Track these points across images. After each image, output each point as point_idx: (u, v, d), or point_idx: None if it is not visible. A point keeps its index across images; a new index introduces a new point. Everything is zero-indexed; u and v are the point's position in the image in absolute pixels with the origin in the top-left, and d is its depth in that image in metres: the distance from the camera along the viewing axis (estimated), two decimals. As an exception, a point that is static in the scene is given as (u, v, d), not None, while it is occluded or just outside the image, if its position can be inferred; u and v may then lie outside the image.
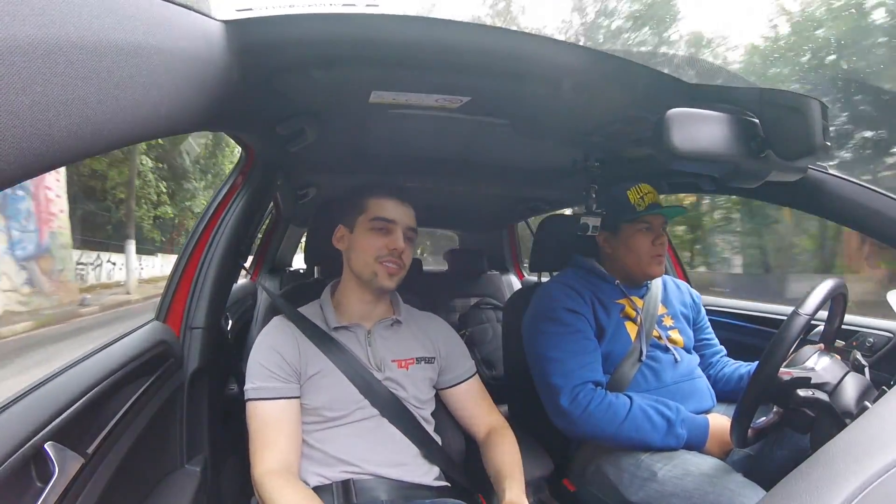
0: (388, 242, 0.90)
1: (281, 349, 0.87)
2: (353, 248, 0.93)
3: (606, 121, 0.97)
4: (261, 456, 0.80)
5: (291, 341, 0.89)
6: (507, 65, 0.71)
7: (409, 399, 0.92)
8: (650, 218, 1.11)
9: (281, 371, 0.86)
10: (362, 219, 0.92)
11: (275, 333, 0.91)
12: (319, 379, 0.87)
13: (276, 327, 0.92)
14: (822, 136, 0.73)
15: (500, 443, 0.93)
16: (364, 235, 0.91)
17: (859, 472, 0.38)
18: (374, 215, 0.91)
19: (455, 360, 1.01)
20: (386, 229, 0.91)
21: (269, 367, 0.85)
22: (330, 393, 0.86)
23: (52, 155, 0.32)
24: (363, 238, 0.91)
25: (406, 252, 0.92)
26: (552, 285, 1.18)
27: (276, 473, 0.78)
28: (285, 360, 0.87)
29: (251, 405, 0.84)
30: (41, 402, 0.59)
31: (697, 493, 0.84)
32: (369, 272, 0.90)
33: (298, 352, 0.88)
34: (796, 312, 0.76)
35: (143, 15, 0.40)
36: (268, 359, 0.86)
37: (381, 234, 0.91)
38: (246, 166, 1.13)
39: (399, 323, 0.97)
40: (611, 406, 0.99)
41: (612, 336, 1.09)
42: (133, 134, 0.41)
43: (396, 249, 0.89)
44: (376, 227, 0.91)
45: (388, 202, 0.92)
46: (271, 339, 0.90)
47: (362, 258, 0.91)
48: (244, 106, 0.76)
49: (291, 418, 0.84)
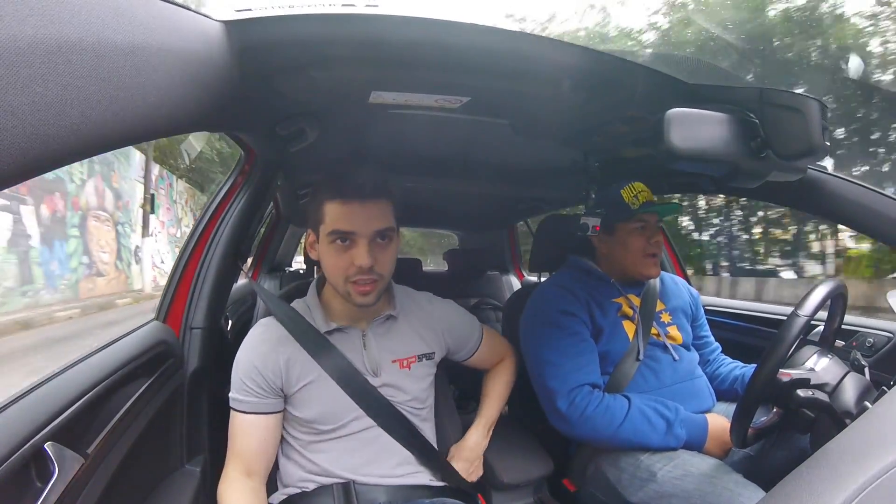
0: (351, 257, 0.78)
1: (260, 364, 0.82)
2: (322, 262, 0.83)
3: (606, 121, 0.97)
4: (227, 464, 0.83)
5: (274, 353, 0.83)
6: (507, 65, 0.71)
7: (408, 402, 0.89)
8: (645, 216, 1.11)
9: (256, 387, 0.82)
10: (322, 229, 0.80)
11: (258, 345, 0.85)
12: (310, 389, 0.83)
13: (259, 337, 0.86)
14: (822, 136, 0.73)
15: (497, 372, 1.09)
16: (327, 251, 0.81)
17: (859, 472, 0.38)
18: (332, 228, 0.79)
19: (463, 338, 1.01)
20: (349, 241, 0.79)
21: (246, 382, 0.82)
22: (321, 405, 0.83)
23: (52, 155, 0.32)
24: (327, 254, 0.81)
25: (380, 260, 0.79)
26: (546, 287, 1.18)
27: (232, 480, 0.81)
28: (263, 376, 0.82)
29: (231, 412, 0.85)
30: (41, 402, 0.60)
31: (697, 493, 0.84)
32: (343, 291, 0.81)
33: (283, 366, 0.82)
34: (795, 314, 0.76)
35: (143, 15, 0.40)
36: (246, 373, 0.83)
37: (343, 248, 0.79)
38: (246, 166, 1.13)
39: (394, 318, 0.91)
40: (609, 408, 0.98)
41: (610, 335, 1.09)
42: (133, 134, 0.41)
43: (362, 267, 0.77)
44: (337, 240, 0.79)
45: (345, 208, 0.78)
46: (253, 350, 0.84)
47: (332, 276, 0.82)
48: (244, 106, 0.76)
49: (263, 431, 0.84)
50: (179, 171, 12.03)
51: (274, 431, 0.85)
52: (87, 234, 7.80)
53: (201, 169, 12.53)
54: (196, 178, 12.98)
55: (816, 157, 0.77)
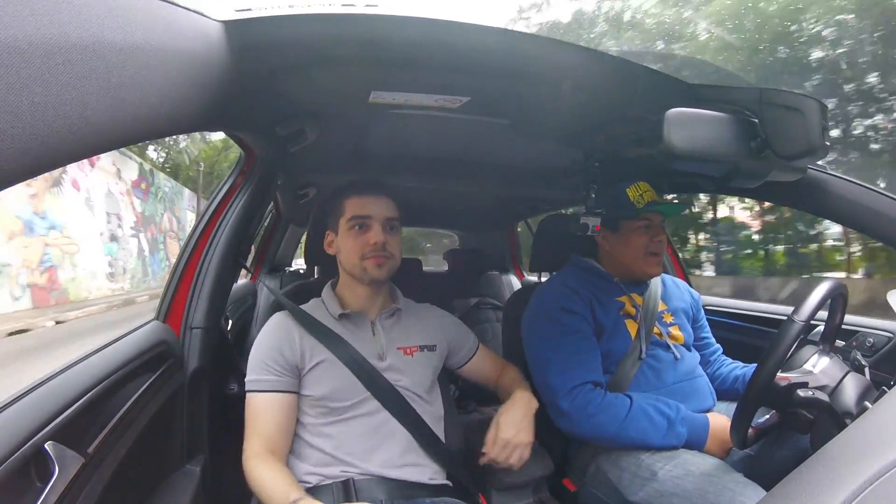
0: (368, 238, 0.93)
1: (279, 344, 0.90)
2: (340, 251, 0.97)
3: (606, 121, 0.97)
4: (248, 442, 0.85)
5: (291, 336, 0.91)
6: (507, 65, 0.71)
7: (412, 388, 0.93)
8: (649, 216, 1.12)
9: (276, 365, 0.88)
10: (342, 221, 0.96)
11: (274, 329, 0.93)
12: (322, 368, 0.89)
13: (275, 324, 0.94)
14: (822, 136, 0.73)
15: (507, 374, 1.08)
16: (346, 237, 0.95)
17: (859, 472, 0.38)
18: (351, 215, 0.94)
19: (459, 342, 1.06)
20: (364, 225, 0.94)
21: (266, 361, 0.89)
22: (332, 383, 0.89)
23: (52, 155, 0.32)
24: (346, 239, 0.95)
25: (390, 242, 0.94)
26: (549, 285, 1.18)
27: (259, 456, 0.83)
28: (282, 354, 0.89)
29: (248, 396, 0.89)
30: (41, 402, 0.59)
31: (697, 492, 0.84)
32: (359, 269, 0.94)
33: (298, 345, 0.90)
34: (791, 318, 0.76)
35: (143, 15, 0.40)
36: (265, 353, 0.90)
37: (360, 231, 0.94)
38: (246, 166, 1.13)
39: (400, 311, 1.01)
40: (611, 406, 0.98)
41: (612, 333, 1.09)
42: (133, 134, 0.41)
43: (377, 243, 0.92)
44: (355, 226, 0.94)
45: (362, 199, 0.95)
46: (270, 335, 0.92)
47: (349, 259, 0.95)
48: (244, 106, 0.76)
49: (282, 410, 0.87)
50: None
51: (291, 412, 0.89)
52: (167, 247, 13.37)
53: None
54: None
55: (816, 157, 0.77)
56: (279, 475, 0.80)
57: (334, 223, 0.98)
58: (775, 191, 0.98)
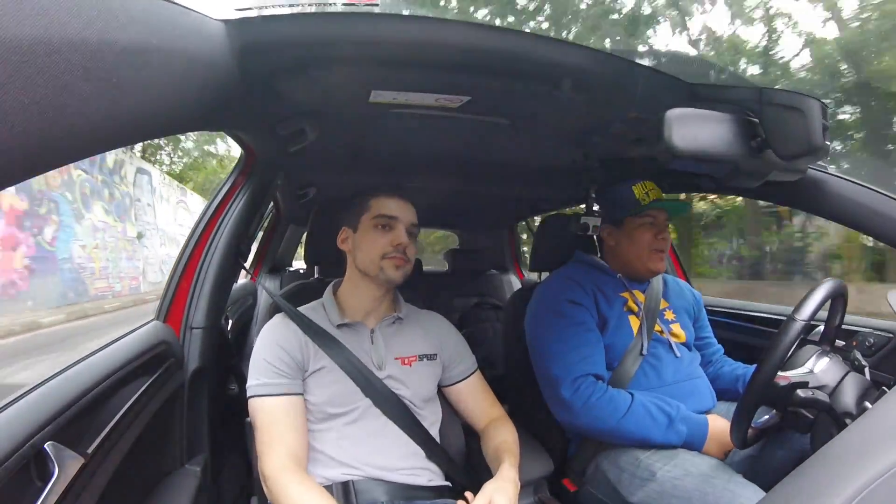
0: (391, 238, 0.92)
1: (285, 344, 0.88)
2: (358, 248, 0.95)
3: (607, 120, 0.97)
4: (270, 452, 0.79)
5: (295, 336, 0.90)
6: (507, 65, 0.71)
7: (410, 398, 0.92)
8: (654, 213, 1.13)
9: (286, 367, 0.86)
10: (366, 217, 0.94)
11: (278, 329, 0.91)
12: (322, 374, 0.88)
13: (279, 324, 0.93)
14: (822, 135, 0.73)
15: (499, 430, 0.96)
16: (368, 234, 0.94)
17: (859, 472, 0.38)
18: (377, 213, 0.93)
19: (457, 358, 1.02)
20: (389, 226, 0.93)
21: (274, 363, 0.86)
22: (331, 389, 0.87)
23: (52, 155, 0.32)
24: (367, 236, 0.93)
25: (410, 247, 0.94)
26: (554, 278, 1.19)
27: (289, 470, 0.77)
28: (290, 355, 0.87)
29: (256, 401, 0.84)
30: (41, 402, 0.59)
31: (697, 493, 0.84)
32: (376, 268, 0.92)
33: (303, 342, 0.89)
34: (791, 318, 0.75)
35: (143, 15, 0.39)
36: (272, 354, 0.87)
37: (384, 231, 0.93)
38: (246, 166, 1.13)
39: (401, 320, 0.98)
40: (612, 399, 0.99)
41: (615, 328, 1.10)
42: (133, 134, 0.41)
43: (401, 245, 0.92)
44: (380, 225, 0.93)
45: (390, 200, 0.95)
46: (275, 335, 0.90)
47: (368, 256, 0.93)
48: (244, 106, 0.76)
49: (298, 414, 0.84)
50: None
51: (303, 416, 0.86)
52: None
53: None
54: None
55: (816, 156, 0.77)
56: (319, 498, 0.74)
57: (354, 219, 0.96)
58: (775, 191, 0.98)
